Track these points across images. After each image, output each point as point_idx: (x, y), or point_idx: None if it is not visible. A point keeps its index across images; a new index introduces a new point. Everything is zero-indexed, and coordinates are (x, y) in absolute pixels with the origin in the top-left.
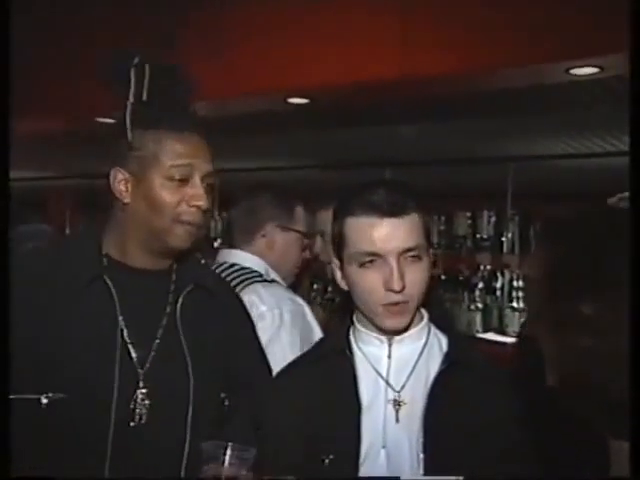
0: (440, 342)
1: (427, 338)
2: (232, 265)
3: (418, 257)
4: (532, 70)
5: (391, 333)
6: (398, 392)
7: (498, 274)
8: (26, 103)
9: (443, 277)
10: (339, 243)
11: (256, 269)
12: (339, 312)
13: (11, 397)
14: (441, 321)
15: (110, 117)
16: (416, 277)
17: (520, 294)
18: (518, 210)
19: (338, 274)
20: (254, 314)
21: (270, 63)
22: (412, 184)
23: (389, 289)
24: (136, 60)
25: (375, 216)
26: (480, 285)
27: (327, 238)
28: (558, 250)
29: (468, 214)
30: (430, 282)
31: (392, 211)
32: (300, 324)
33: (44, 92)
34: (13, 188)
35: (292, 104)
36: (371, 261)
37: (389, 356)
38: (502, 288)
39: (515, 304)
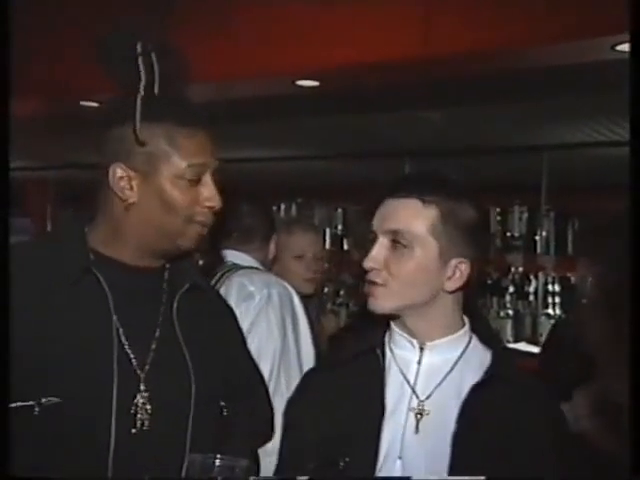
0: (482, 358)
1: (464, 350)
2: (225, 263)
3: (405, 245)
4: (573, 47)
5: (375, 316)
6: (422, 401)
7: (531, 277)
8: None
9: None
10: None
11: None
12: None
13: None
14: (486, 334)
15: (96, 100)
16: (396, 264)
17: (556, 299)
18: (553, 205)
19: None
20: (242, 295)
21: (276, 42)
22: (445, 176)
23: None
24: (140, 47)
25: (387, 196)
26: (511, 289)
27: None
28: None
29: (497, 209)
30: (419, 281)
31: (394, 191)
32: (288, 308)
33: (22, 72)
34: None
35: (301, 87)
36: (372, 240)
37: (419, 362)
38: (536, 293)
39: (550, 311)
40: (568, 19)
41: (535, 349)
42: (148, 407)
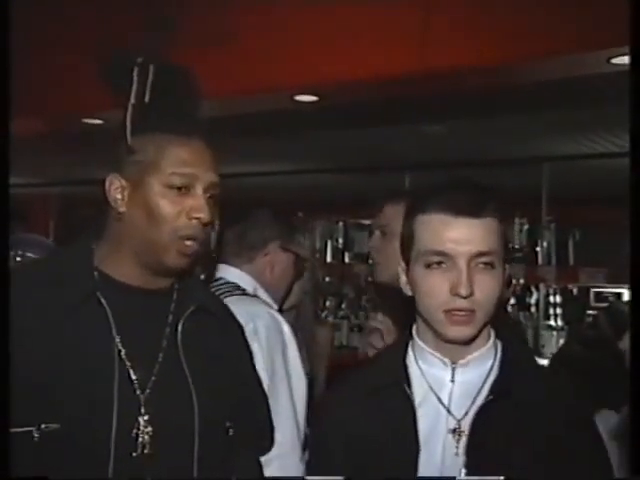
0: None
1: (494, 360)
2: (216, 279)
3: (491, 264)
4: (569, 60)
5: (453, 343)
6: (459, 420)
7: (532, 289)
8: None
9: None
10: (408, 242)
11: (243, 286)
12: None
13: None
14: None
15: (98, 117)
16: (486, 286)
17: (558, 311)
18: (555, 216)
19: (403, 278)
20: None
21: (275, 57)
22: (492, 186)
23: (456, 294)
24: (140, 59)
25: (449, 214)
26: (512, 301)
27: (389, 235)
28: None
29: None
30: (500, 297)
31: (469, 210)
32: (276, 340)
33: (25, 90)
34: None
35: (300, 102)
36: (439, 262)
37: (452, 380)
38: (537, 304)
39: (552, 322)
40: (565, 33)
41: (539, 361)
42: (149, 430)
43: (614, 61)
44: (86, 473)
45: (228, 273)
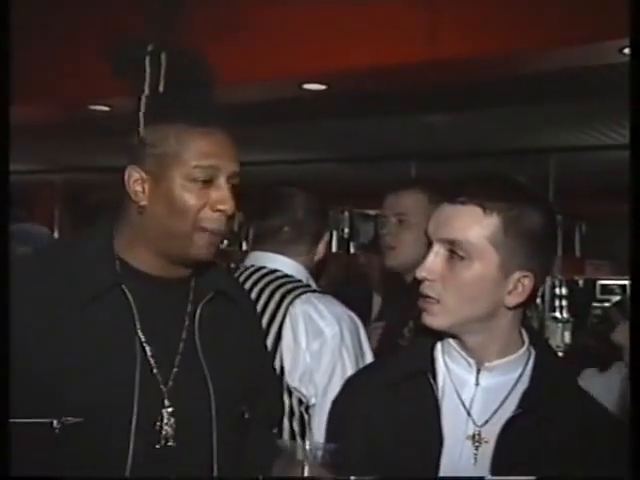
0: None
1: (523, 370)
2: (274, 271)
3: (462, 256)
4: (580, 50)
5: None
6: (479, 427)
7: None
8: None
9: None
10: None
11: (299, 277)
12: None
13: (20, 421)
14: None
15: (105, 104)
16: (452, 276)
17: (564, 303)
18: (560, 208)
19: None
20: (312, 332)
21: (283, 45)
22: (511, 180)
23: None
24: (150, 47)
25: (445, 200)
26: None
27: (407, 222)
28: None
29: None
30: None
31: (452, 196)
32: (357, 344)
33: (29, 75)
34: None
35: (307, 91)
36: (430, 244)
37: (477, 383)
38: (543, 296)
39: (558, 314)
40: (575, 23)
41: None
42: (172, 422)
43: (626, 51)
44: (106, 466)
45: (282, 264)
